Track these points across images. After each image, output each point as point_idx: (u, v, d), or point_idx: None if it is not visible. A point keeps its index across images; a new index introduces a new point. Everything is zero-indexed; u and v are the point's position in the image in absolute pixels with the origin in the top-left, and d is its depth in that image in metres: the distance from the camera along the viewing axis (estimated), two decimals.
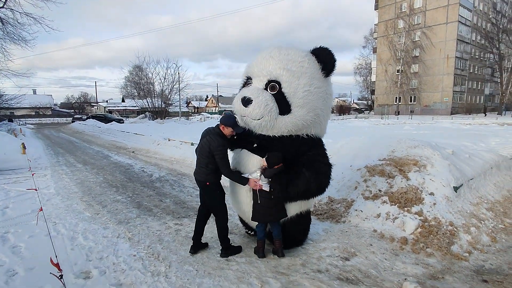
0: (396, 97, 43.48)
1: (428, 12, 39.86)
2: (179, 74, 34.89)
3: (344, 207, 4.49)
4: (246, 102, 2.96)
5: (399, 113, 41.27)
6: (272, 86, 3.04)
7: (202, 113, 59.52)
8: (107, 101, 69.51)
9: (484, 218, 4.16)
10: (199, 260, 3.27)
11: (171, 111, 40.22)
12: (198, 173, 3.30)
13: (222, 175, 3.29)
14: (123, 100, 63.52)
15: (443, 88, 39.87)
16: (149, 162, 9.49)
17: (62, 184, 6.74)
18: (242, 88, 3.32)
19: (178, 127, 20.88)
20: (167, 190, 6.17)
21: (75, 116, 44.45)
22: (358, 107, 69.93)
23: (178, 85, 35.20)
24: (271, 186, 3.09)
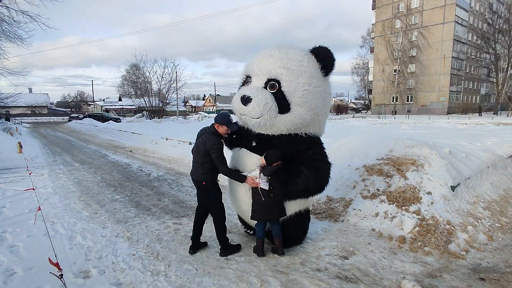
0: (393, 96, 43.64)
1: (425, 12, 40.03)
2: (177, 73, 34.80)
3: (342, 206, 4.51)
4: (246, 100, 2.96)
5: (396, 112, 41.44)
6: (272, 84, 3.05)
7: (200, 112, 59.33)
8: (104, 100, 69.07)
9: (481, 217, 4.20)
10: (199, 259, 3.27)
11: (168, 110, 40.07)
12: (195, 173, 3.30)
13: (218, 175, 3.30)
14: (120, 99, 63.14)
15: (440, 88, 40.08)
16: (147, 162, 9.46)
17: (59, 183, 6.71)
18: (242, 86, 3.32)
19: (176, 126, 20.84)
20: (166, 190, 6.17)
21: (72, 115, 44.22)
22: (355, 106, 70.06)
23: (175, 84, 35.08)
24: (270, 184, 3.10)
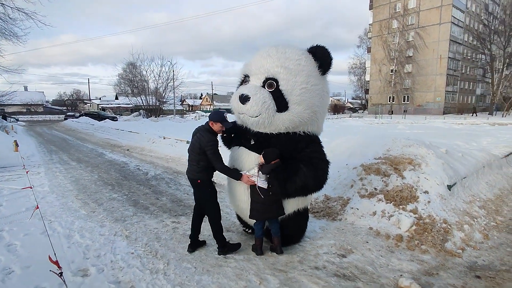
0: (389, 96, 43.88)
1: (421, 13, 40.26)
2: (174, 71, 34.71)
3: (340, 205, 4.54)
4: (244, 99, 2.98)
5: (392, 112, 41.67)
6: (270, 83, 3.06)
7: (197, 111, 59.18)
8: (100, 98, 68.68)
9: (477, 216, 4.25)
10: (197, 257, 3.28)
11: (165, 109, 39.96)
12: (190, 171, 3.30)
13: (213, 173, 3.30)
14: (117, 98, 62.78)
15: (436, 88, 40.36)
16: (144, 160, 9.44)
17: (56, 182, 6.68)
18: (240, 86, 3.33)
19: (173, 125, 20.79)
20: (163, 188, 6.16)
21: (68, 113, 43.92)
22: (352, 106, 70.36)
23: (172, 82, 35.00)
24: (269, 182, 3.11)
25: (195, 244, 3.46)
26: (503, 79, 36.02)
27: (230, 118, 3.45)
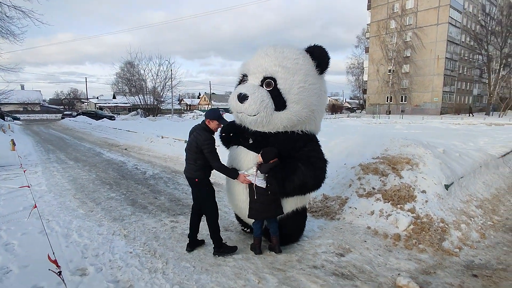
0: (387, 96, 44.01)
1: (419, 13, 40.41)
2: (172, 71, 34.60)
3: (338, 204, 4.56)
4: (242, 98, 2.99)
5: (390, 112, 41.79)
6: (268, 82, 3.07)
7: (195, 110, 59.10)
8: (97, 97, 68.41)
9: (474, 215, 4.28)
10: (196, 256, 3.28)
11: (163, 108, 39.84)
12: (188, 170, 3.30)
13: (211, 172, 3.30)
14: (114, 97, 62.57)
15: (433, 88, 40.52)
16: (142, 160, 9.42)
17: (54, 181, 6.65)
18: (238, 85, 3.34)
19: (171, 124, 20.74)
20: (162, 188, 6.15)
21: (65, 112, 43.71)
22: (350, 106, 70.50)
23: (170, 82, 34.89)
24: (267, 181, 3.12)
25: (194, 243, 3.47)
26: (500, 80, 36.25)
27: (228, 118, 3.47)
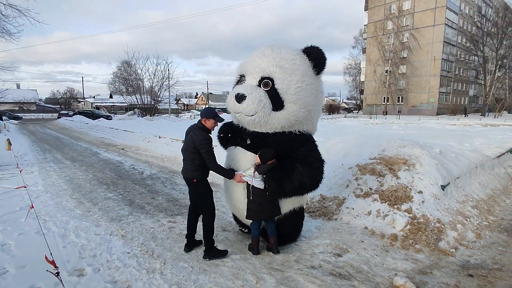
0: (384, 97, 44.20)
1: (416, 14, 40.63)
2: (169, 70, 34.49)
3: (336, 204, 4.58)
4: (240, 98, 3.00)
5: (387, 113, 41.98)
6: (265, 82, 3.09)
7: (192, 110, 59.03)
8: (94, 97, 68.04)
9: (470, 216, 4.32)
10: (194, 257, 3.28)
11: (160, 108, 39.68)
12: (186, 170, 3.29)
13: (209, 172, 3.30)
14: (111, 96, 62.28)
15: (430, 89, 40.77)
16: (139, 160, 9.39)
17: (50, 181, 6.62)
18: (236, 85, 3.35)
19: (168, 124, 20.68)
20: (159, 188, 6.14)
21: (61, 112, 43.45)
22: (347, 106, 70.76)
23: (167, 81, 34.78)
24: (265, 182, 3.12)
25: (192, 243, 3.47)
26: (495, 81, 36.56)
27: (225, 117, 3.47)
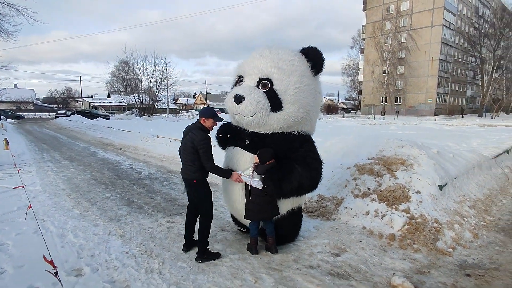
0: (382, 97, 44.33)
1: (414, 15, 40.76)
2: (167, 70, 34.43)
3: (334, 204, 4.59)
4: (238, 99, 3.00)
5: (385, 113, 42.12)
6: (264, 83, 3.09)
7: (190, 110, 58.86)
8: (92, 96, 67.87)
9: (467, 216, 4.34)
10: (193, 256, 3.28)
11: (158, 108, 39.62)
12: (185, 171, 3.28)
13: (208, 173, 3.29)
14: (109, 96, 62.13)
15: (427, 90, 40.91)
16: (137, 159, 9.37)
17: (48, 181, 6.59)
18: (234, 86, 3.35)
19: (166, 124, 20.64)
20: (157, 188, 6.13)
21: (59, 111, 43.27)
22: (345, 106, 70.90)
23: (166, 81, 34.72)
24: (264, 182, 3.13)
25: (190, 243, 3.46)
26: (493, 82, 36.77)
27: (223, 117, 3.47)
